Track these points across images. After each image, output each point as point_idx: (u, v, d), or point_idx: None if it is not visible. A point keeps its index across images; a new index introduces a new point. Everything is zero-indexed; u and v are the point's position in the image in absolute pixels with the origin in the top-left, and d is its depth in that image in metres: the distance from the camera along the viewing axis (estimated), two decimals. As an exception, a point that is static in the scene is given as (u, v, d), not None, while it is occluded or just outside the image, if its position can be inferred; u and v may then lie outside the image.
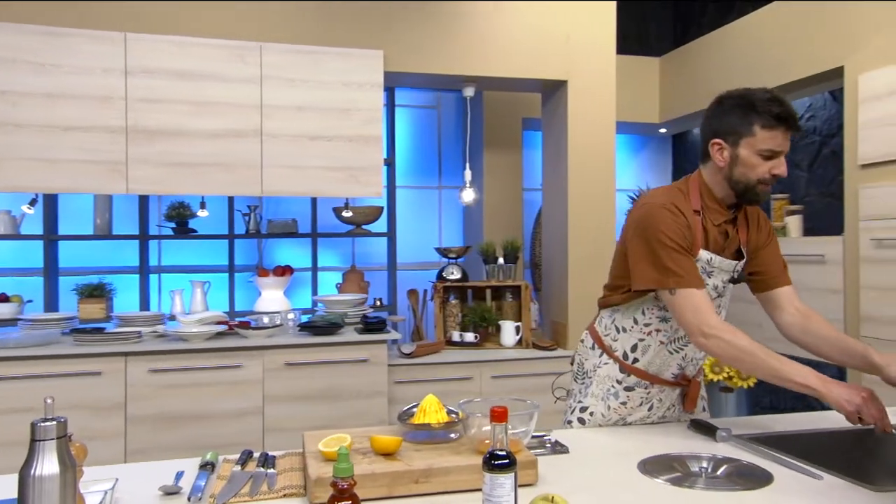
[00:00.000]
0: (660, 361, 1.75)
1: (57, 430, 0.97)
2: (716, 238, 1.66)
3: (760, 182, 1.59)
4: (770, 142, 1.56)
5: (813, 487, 1.31)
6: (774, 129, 1.55)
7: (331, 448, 1.31)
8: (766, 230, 1.77)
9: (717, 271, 1.67)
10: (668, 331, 1.72)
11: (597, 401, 1.79)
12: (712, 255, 1.65)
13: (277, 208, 4.31)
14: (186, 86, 3.26)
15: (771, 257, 1.76)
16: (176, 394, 3.12)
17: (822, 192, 4.25)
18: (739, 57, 4.23)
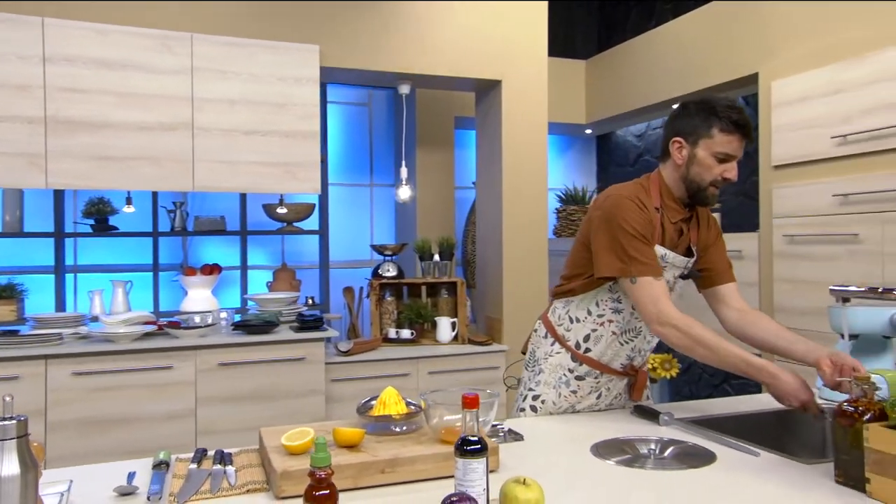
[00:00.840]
0: (611, 352, 1.83)
1: (17, 430, 0.92)
2: (671, 235, 1.75)
3: (712, 184, 1.69)
4: (726, 145, 1.66)
5: (752, 463, 1.40)
6: (732, 133, 1.65)
7: (294, 442, 1.30)
8: (715, 230, 1.88)
9: (670, 266, 1.76)
10: (620, 322, 1.80)
11: (548, 389, 1.85)
12: (667, 251, 1.73)
13: (203, 204, 4.18)
14: (111, 76, 3.13)
15: (717, 255, 1.86)
16: (102, 397, 2.99)
17: (737, 191, 4.50)
18: (662, 61, 4.42)
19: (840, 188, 3.04)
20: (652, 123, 5.24)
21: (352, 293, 4.10)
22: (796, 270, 3.28)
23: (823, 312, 3.13)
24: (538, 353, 1.91)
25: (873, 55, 2.92)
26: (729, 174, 1.68)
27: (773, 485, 1.28)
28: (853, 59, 3.01)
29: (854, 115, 3.00)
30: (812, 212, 3.18)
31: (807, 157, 3.22)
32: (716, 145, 1.66)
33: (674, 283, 1.80)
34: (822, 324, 3.14)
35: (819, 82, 3.16)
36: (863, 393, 1.26)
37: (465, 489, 1.07)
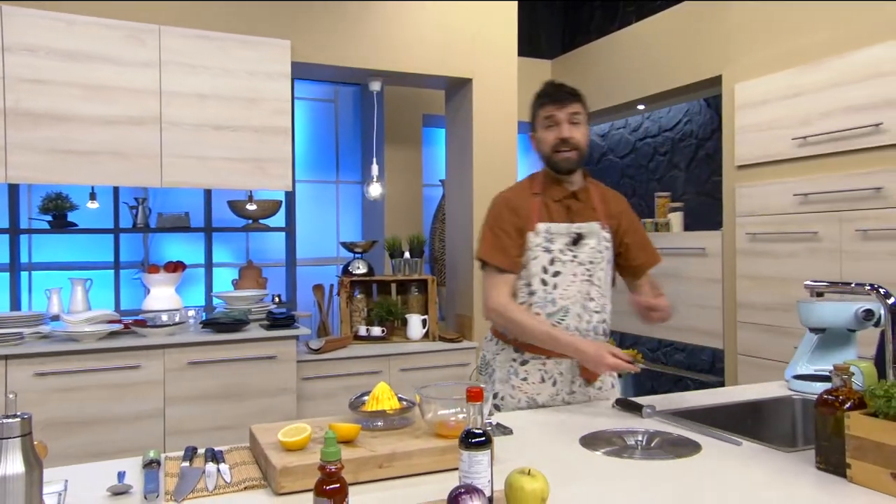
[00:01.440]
0: None
1: (21, 428, 0.90)
2: (558, 211, 1.95)
3: (554, 150, 1.90)
4: (546, 113, 1.91)
5: (735, 452, 1.44)
6: (545, 104, 1.92)
7: (290, 438, 1.29)
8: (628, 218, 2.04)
9: (556, 237, 1.92)
10: (540, 302, 1.91)
11: (502, 385, 1.96)
12: (549, 224, 1.93)
13: (166, 201, 4.10)
14: (76, 67, 3.04)
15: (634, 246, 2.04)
16: (66, 398, 2.90)
17: (698, 190, 4.62)
18: (628, 63, 4.51)
19: (800, 188, 3.15)
20: (615, 123, 5.34)
21: (322, 291, 4.08)
22: (758, 267, 3.39)
23: (785, 307, 3.24)
24: (488, 356, 2.04)
25: (831, 60, 3.04)
26: (560, 134, 1.88)
27: (759, 472, 1.32)
28: (812, 63, 3.13)
29: (813, 118, 3.11)
30: (774, 210, 3.29)
31: (769, 157, 3.33)
32: (540, 120, 1.93)
33: (567, 250, 1.93)
34: (784, 319, 3.25)
35: (780, 85, 3.27)
36: (842, 382, 1.31)
37: (470, 481, 1.08)
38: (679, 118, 4.77)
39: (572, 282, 1.91)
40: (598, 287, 1.94)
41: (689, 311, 3.87)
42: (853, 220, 2.92)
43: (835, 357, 2.08)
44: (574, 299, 1.90)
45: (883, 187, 2.79)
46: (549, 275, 1.91)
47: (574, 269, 1.91)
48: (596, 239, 1.94)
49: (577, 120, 1.90)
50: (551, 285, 1.90)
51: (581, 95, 1.94)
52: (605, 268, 1.95)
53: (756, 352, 3.40)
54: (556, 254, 1.91)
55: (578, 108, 1.91)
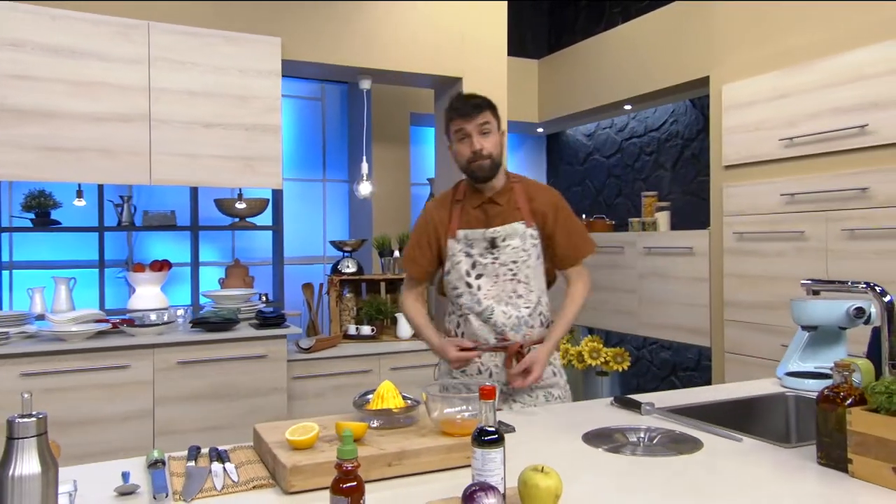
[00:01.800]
0: (479, 333, 2.03)
1: (37, 427, 0.89)
2: (476, 217, 2.04)
3: (469, 161, 1.98)
4: (455, 126, 1.99)
5: (737, 449, 1.46)
6: (454, 119, 1.99)
7: (299, 437, 1.29)
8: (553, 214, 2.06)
9: (474, 242, 2.02)
10: (467, 302, 2.03)
11: (446, 377, 2.11)
12: (467, 231, 2.03)
13: (150, 199, 4.05)
14: (63, 63, 3.00)
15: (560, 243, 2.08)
16: (53, 399, 2.86)
17: (684, 190, 4.67)
18: (615, 63, 4.54)
19: (787, 188, 3.20)
20: (601, 123, 5.38)
21: (311, 290, 4.06)
22: (745, 266, 3.43)
23: (772, 306, 3.29)
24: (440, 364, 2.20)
25: (816, 63, 3.09)
26: (473, 147, 1.96)
27: (762, 468, 1.34)
28: (799, 65, 3.18)
29: (800, 119, 3.16)
30: (761, 210, 3.34)
31: (756, 157, 3.37)
32: (452, 132, 2.01)
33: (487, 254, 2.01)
34: (771, 317, 3.30)
35: (767, 87, 3.32)
36: (843, 379, 1.34)
37: (484, 479, 1.08)
38: (665, 118, 4.82)
39: (495, 282, 2.01)
40: (526, 283, 2.02)
41: (677, 310, 3.91)
42: (839, 219, 2.96)
43: (826, 355, 2.12)
44: (499, 298, 2.00)
45: (869, 187, 2.84)
46: (472, 277, 2.02)
47: (496, 270, 2.01)
48: (519, 239, 2.01)
49: (486, 129, 1.97)
50: (475, 287, 2.01)
51: (489, 104, 2.00)
52: (533, 264, 2.03)
53: (743, 349, 3.44)
54: (477, 258, 2.02)
55: (487, 118, 1.97)
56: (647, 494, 1.21)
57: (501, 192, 2.05)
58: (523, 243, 2.02)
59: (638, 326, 4.21)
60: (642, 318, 4.18)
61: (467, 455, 1.34)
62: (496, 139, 2.00)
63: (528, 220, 2.04)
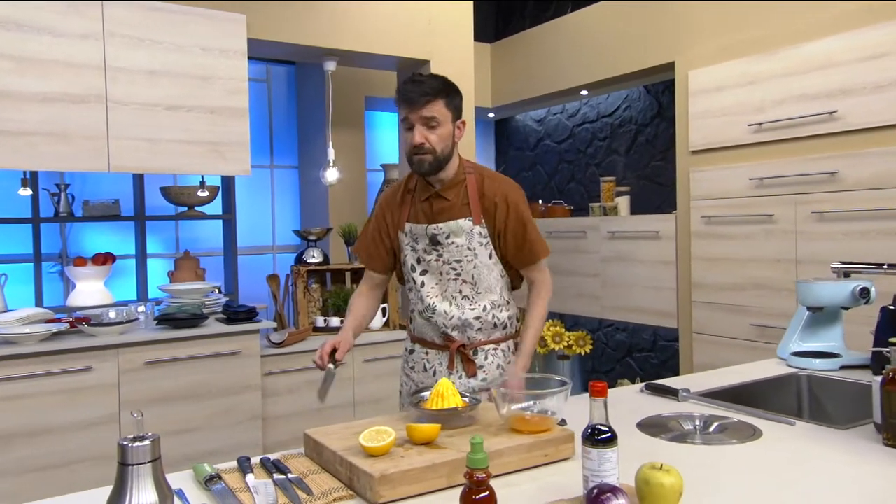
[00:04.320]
0: (424, 330, 1.99)
1: (152, 451, 0.77)
2: (422, 211, 1.93)
3: (412, 153, 1.83)
4: (401, 113, 1.84)
5: (794, 434, 1.47)
6: (400, 104, 1.84)
7: (374, 443, 1.20)
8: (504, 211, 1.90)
9: (418, 236, 1.93)
10: (414, 299, 1.99)
11: (402, 374, 2.10)
12: (412, 226, 1.94)
13: (85, 187, 3.75)
14: (6, 37, 2.70)
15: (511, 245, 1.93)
16: (7, 408, 2.61)
17: (638, 174, 4.75)
18: (573, 48, 4.55)
19: (756, 172, 3.29)
20: (552, 109, 5.39)
21: (277, 281, 3.88)
22: (714, 249, 3.52)
23: (740, 287, 3.39)
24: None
25: (785, 50, 3.18)
26: (413, 140, 1.81)
27: (833, 451, 1.35)
28: (766, 53, 3.26)
29: (767, 105, 3.25)
30: (729, 194, 3.43)
31: (724, 142, 3.45)
32: (400, 118, 1.87)
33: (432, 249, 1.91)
34: (739, 298, 3.40)
35: (734, 73, 3.39)
36: (907, 359, 1.36)
37: (600, 479, 1.03)
38: (618, 104, 4.88)
39: (439, 280, 1.92)
40: (473, 284, 1.91)
41: (641, 293, 3.98)
42: (809, 202, 3.07)
43: (825, 334, 2.19)
44: (442, 297, 1.92)
45: (838, 171, 2.96)
46: (417, 273, 1.94)
47: (440, 268, 1.91)
48: (465, 237, 1.88)
49: (432, 124, 1.79)
50: (419, 283, 1.94)
51: (443, 91, 1.81)
52: (480, 264, 1.90)
53: (711, 330, 3.54)
54: (421, 253, 1.93)
55: (435, 110, 1.78)
56: (742, 482, 1.19)
57: (451, 185, 1.90)
58: (469, 241, 1.88)
59: (602, 310, 4.26)
60: (606, 302, 4.23)
61: (545, 453, 1.29)
62: (446, 132, 1.82)
63: (475, 218, 1.89)
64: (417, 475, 1.15)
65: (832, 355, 2.09)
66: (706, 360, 3.53)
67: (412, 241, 1.93)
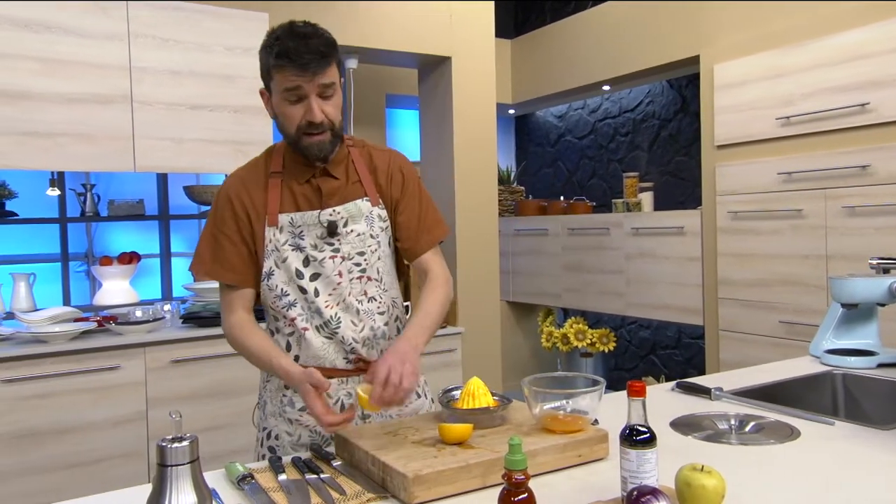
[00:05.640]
0: (323, 352, 1.49)
1: (190, 452, 0.76)
2: (305, 196, 1.49)
3: (302, 132, 1.42)
4: (286, 81, 1.38)
5: (833, 434, 1.44)
6: (285, 68, 1.37)
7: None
8: (399, 181, 1.57)
9: (306, 228, 1.48)
10: (304, 314, 1.48)
11: (276, 419, 1.54)
12: (293, 215, 1.47)
13: (110, 187, 3.79)
14: (33, 39, 2.73)
15: (406, 219, 1.57)
16: (38, 406, 2.64)
17: (661, 170, 4.70)
18: (594, 43, 4.51)
19: (784, 166, 3.24)
20: (573, 104, 5.36)
21: (298, 279, 3.88)
22: (741, 244, 3.47)
23: (768, 283, 3.34)
24: (260, 385, 1.63)
25: (813, 42, 3.12)
26: (309, 115, 1.39)
27: (876, 452, 1.32)
28: (794, 45, 3.20)
29: (796, 98, 3.20)
30: (756, 189, 3.37)
31: (750, 137, 3.40)
32: (279, 84, 1.40)
33: (324, 244, 1.48)
34: (766, 294, 3.35)
35: (761, 66, 3.34)
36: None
37: (640, 480, 1.02)
38: (640, 99, 4.83)
39: (339, 283, 1.48)
40: (378, 281, 1.52)
41: (666, 289, 3.93)
42: (839, 197, 3.02)
43: (860, 331, 2.14)
44: (345, 305, 1.48)
45: (869, 165, 2.90)
46: (305, 279, 1.46)
47: (338, 266, 1.48)
48: (365, 222, 1.51)
49: (328, 92, 1.41)
50: (312, 292, 1.46)
51: (333, 47, 1.42)
52: (383, 255, 1.54)
53: (738, 327, 3.49)
54: (310, 251, 1.47)
55: (331, 75, 1.40)
56: (785, 485, 1.16)
57: (336, 161, 1.51)
58: (370, 227, 1.51)
59: (625, 307, 4.22)
60: (629, 299, 4.19)
61: (580, 454, 1.27)
62: (339, 99, 1.44)
63: (373, 198, 1.52)
64: (451, 475, 1.13)
65: (868, 353, 2.05)
66: (733, 358, 3.48)
67: (294, 237, 1.47)
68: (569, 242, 4.60)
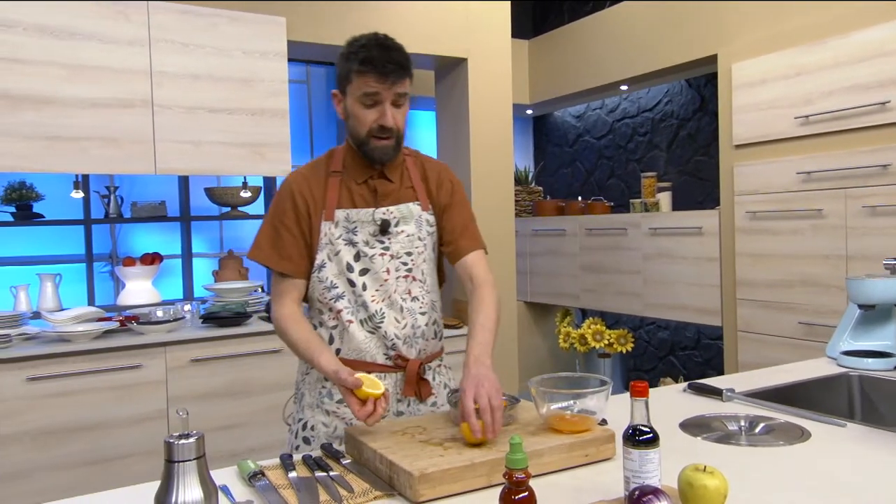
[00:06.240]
0: (364, 346, 1.56)
1: (196, 449, 0.79)
2: (361, 195, 1.59)
3: (371, 135, 1.53)
4: (366, 85, 1.48)
5: (844, 436, 1.43)
6: (367, 74, 1.48)
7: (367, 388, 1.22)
8: (448, 189, 1.68)
9: (360, 224, 1.57)
10: (350, 307, 1.57)
11: (312, 411, 1.60)
12: (349, 211, 1.57)
13: (133, 189, 3.86)
14: (58, 45, 2.80)
15: (452, 223, 1.66)
16: (62, 404, 2.70)
17: (680, 170, 4.67)
18: (612, 43, 4.49)
19: (803, 166, 3.20)
20: (591, 104, 5.34)
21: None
22: (759, 245, 3.44)
23: (787, 284, 3.31)
24: (297, 376, 1.70)
25: (833, 40, 3.09)
26: (381, 120, 1.51)
27: (887, 454, 1.31)
28: (813, 43, 3.17)
29: (815, 97, 3.16)
30: (775, 189, 3.34)
31: (769, 136, 3.37)
32: (357, 88, 1.50)
33: (374, 241, 1.58)
34: (785, 295, 3.32)
35: (780, 65, 3.31)
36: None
37: (642, 480, 1.02)
38: (659, 98, 4.80)
39: (385, 279, 1.56)
40: (422, 283, 1.61)
41: (684, 290, 3.91)
42: (859, 196, 2.98)
43: (878, 333, 2.12)
44: (390, 301, 1.56)
45: (891, 164, 2.86)
46: (355, 273, 1.55)
47: (386, 263, 1.57)
48: (414, 224, 1.60)
49: (401, 102, 1.53)
50: (360, 286, 1.55)
51: (409, 62, 1.54)
52: (428, 258, 1.63)
53: (757, 328, 3.46)
54: (362, 246, 1.56)
55: (406, 86, 1.52)
56: (790, 486, 1.16)
57: (393, 166, 1.62)
58: (419, 230, 1.61)
59: (643, 308, 4.20)
60: (647, 300, 4.17)
61: (586, 453, 1.28)
62: (407, 111, 1.57)
63: (423, 203, 1.63)
64: (457, 474, 1.15)
65: (885, 354, 2.02)
66: (751, 359, 3.45)
67: (348, 232, 1.56)
68: (586, 243, 4.60)
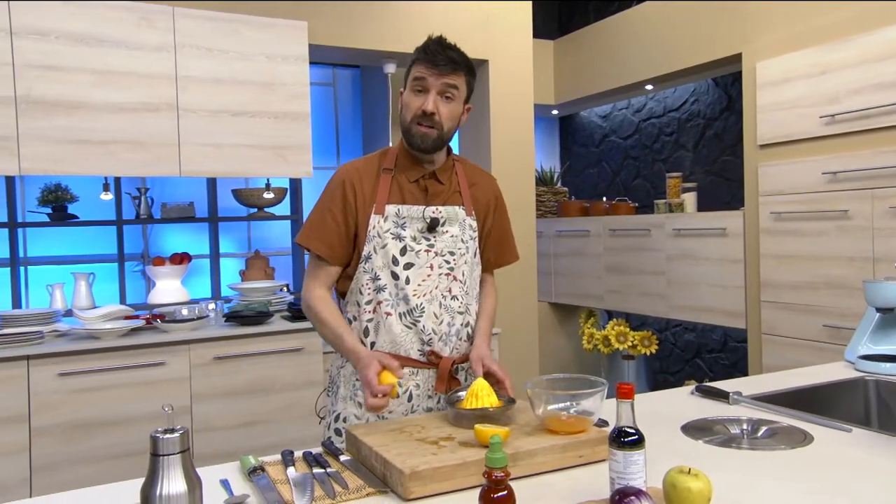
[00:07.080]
0: (400, 339, 1.62)
1: (181, 443, 0.83)
2: (412, 193, 1.66)
3: (415, 121, 1.59)
4: (417, 72, 1.59)
5: (848, 441, 1.41)
6: (420, 62, 1.59)
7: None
8: (488, 190, 1.77)
9: (409, 220, 1.63)
10: (390, 299, 1.61)
11: (346, 403, 1.66)
12: (400, 206, 1.63)
13: (163, 190, 3.96)
14: (88, 52, 2.89)
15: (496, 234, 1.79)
16: (90, 399, 2.79)
17: (707, 170, 4.61)
18: (637, 42, 4.46)
19: (829, 166, 3.14)
20: (617, 104, 5.30)
21: (339, 280, 3.98)
22: (784, 246, 3.39)
23: (812, 286, 3.25)
24: (332, 370, 1.75)
25: (859, 37, 3.02)
26: (425, 105, 1.57)
27: (888, 460, 1.29)
28: (839, 41, 3.11)
29: (841, 96, 3.10)
30: (800, 189, 3.29)
31: (794, 136, 3.32)
32: (411, 77, 1.62)
33: (421, 238, 1.64)
34: (811, 297, 3.26)
35: (804, 63, 3.25)
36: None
37: (626, 482, 1.03)
38: (685, 98, 4.75)
39: (428, 275, 1.62)
40: (462, 283, 1.66)
41: (708, 292, 3.87)
42: (887, 197, 2.92)
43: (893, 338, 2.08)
44: (431, 296, 1.62)
45: (918, 164, 2.80)
46: (400, 266, 1.60)
47: (430, 259, 1.63)
48: (459, 226, 1.67)
49: (450, 94, 1.59)
50: (403, 279, 1.60)
51: (468, 67, 1.63)
52: (470, 261, 1.69)
53: (781, 331, 3.41)
54: (409, 241, 1.62)
55: (457, 81, 1.59)
56: (786, 490, 1.16)
57: (443, 169, 1.69)
58: (462, 233, 1.67)
59: (668, 309, 4.17)
60: (672, 301, 4.13)
61: (581, 454, 1.29)
62: (456, 110, 1.62)
63: (468, 207, 1.70)
64: (448, 472, 1.17)
65: (904, 359, 1.98)
66: (776, 362, 3.40)
67: (397, 227, 1.62)
68: (610, 244, 4.57)
